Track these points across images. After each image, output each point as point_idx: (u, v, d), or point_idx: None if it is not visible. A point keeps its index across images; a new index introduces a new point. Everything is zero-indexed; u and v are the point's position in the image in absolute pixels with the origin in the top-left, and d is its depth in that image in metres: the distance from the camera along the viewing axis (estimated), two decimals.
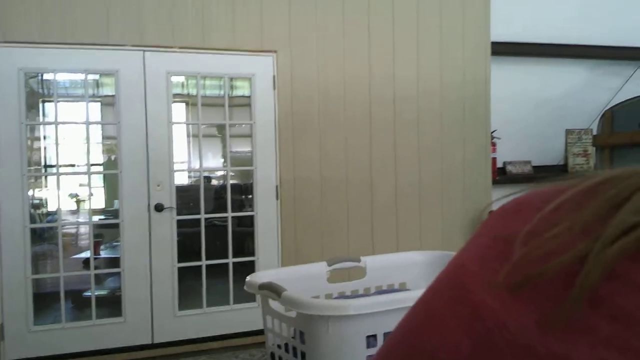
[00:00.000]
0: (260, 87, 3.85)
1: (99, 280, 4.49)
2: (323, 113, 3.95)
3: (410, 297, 1.54)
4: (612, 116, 4.59)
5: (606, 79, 5.18)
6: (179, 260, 3.71)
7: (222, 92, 3.94)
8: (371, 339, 1.54)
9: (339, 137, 3.98)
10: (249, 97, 3.93)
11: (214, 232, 4.10)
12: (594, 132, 4.94)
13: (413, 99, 4.15)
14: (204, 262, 3.74)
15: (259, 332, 3.51)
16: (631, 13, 5.15)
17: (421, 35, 4.16)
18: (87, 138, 3.63)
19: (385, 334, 1.53)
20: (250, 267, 3.75)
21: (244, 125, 4.23)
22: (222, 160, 6.67)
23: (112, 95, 3.68)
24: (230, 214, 3.82)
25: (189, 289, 3.92)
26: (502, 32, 4.52)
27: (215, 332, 3.77)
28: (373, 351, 1.51)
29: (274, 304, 1.71)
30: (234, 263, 3.82)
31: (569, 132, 5.04)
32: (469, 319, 0.34)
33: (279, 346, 1.75)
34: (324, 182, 3.95)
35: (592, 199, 0.35)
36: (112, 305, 3.78)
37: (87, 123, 3.65)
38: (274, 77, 3.85)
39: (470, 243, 0.41)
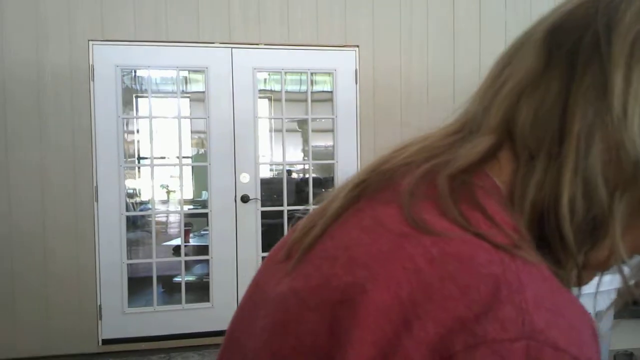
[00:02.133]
0: (342, 81, 3.89)
1: (188, 266, 4.71)
2: (405, 107, 3.94)
3: None
4: None
5: None
6: (262, 250, 3.83)
7: (302, 88, 4.01)
8: None
9: (420, 132, 3.94)
10: (328, 92, 3.99)
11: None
12: None
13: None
14: None
15: None
16: None
17: (508, 35, 4.05)
18: (179, 131, 3.80)
19: None
20: None
21: (324, 120, 4.28)
22: (302, 154, 6.77)
23: (201, 92, 3.84)
24: (312, 206, 3.87)
25: None
26: None
27: None
28: None
29: None
30: None
31: None
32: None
33: None
34: None
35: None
36: (200, 290, 3.95)
37: (179, 117, 3.83)
38: (356, 71, 3.88)
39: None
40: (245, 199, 3.76)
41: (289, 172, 6.44)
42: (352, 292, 0.38)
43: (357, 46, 3.87)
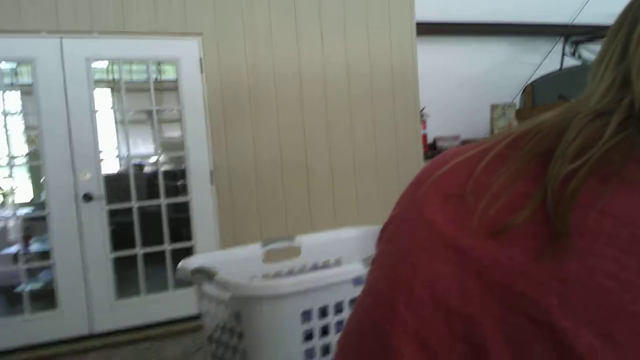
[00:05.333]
0: (187, 71, 3.78)
1: (32, 274, 4.34)
2: (254, 96, 3.94)
3: (343, 272, 1.59)
4: (533, 90, 4.81)
5: (526, 55, 5.40)
6: (115, 249, 3.64)
7: (148, 77, 3.84)
8: (306, 314, 1.59)
9: (271, 119, 3.98)
10: (174, 81, 3.86)
11: (150, 220, 4.03)
12: (517, 107, 5.16)
13: (343, 81, 4.20)
14: (139, 250, 3.69)
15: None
16: None
17: (348, 18, 4.20)
18: (6, 128, 3.47)
19: (320, 309, 1.58)
20: (189, 253, 3.72)
21: (175, 110, 4.16)
22: (153, 146, 6.53)
23: (31, 84, 3.52)
24: (163, 201, 3.77)
25: (126, 278, 3.86)
26: (422, 14, 4.62)
27: (156, 319, 3.74)
28: (309, 326, 1.55)
29: (208, 288, 1.72)
30: (172, 250, 3.78)
31: (493, 107, 5.24)
32: (463, 261, 0.41)
33: (215, 329, 1.77)
34: (259, 164, 3.95)
35: (515, 152, 0.44)
36: (46, 298, 3.67)
37: (4, 113, 3.49)
38: (200, 59, 3.80)
39: (413, 201, 0.49)
40: (88, 197, 3.53)
41: (140, 166, 6.19)
42: None
43: (201, 34, 3.79)
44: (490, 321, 0.39)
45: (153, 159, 5.88)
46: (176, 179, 5.33)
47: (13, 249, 4.60)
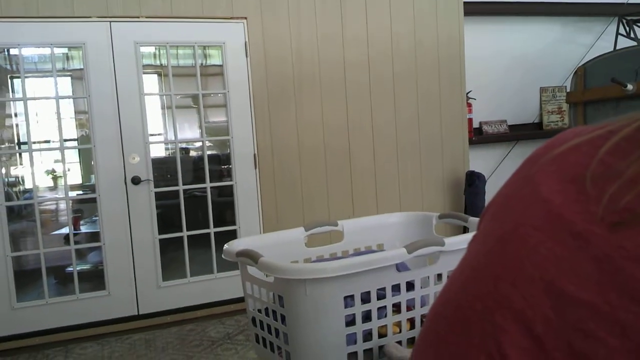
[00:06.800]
0: (232, 54, 3.80)
1: (81, 255, 4.49)
2: (298, 79, 3.93)
3: (386, 257, 1.57)
4: (585, 73, 4.63)
5: (578, 35, 5.20)
6: (160, 232, 3.71)
7: (195, 62, 3.88)
8: (349, 299, 1.58)
9: (315, 103, 3.97)
10: (220, 66, 3.89)
11: (195, 203, 4.10)
12: (568, 89, 4.99)
13: (387, 62, 4.14)
14: (185, 233, 3.76)
15: (243, 299, 3.56)
16: None
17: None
18: (58, 113, 3.57)
19: (363, 294, 1.56)
20: (232, 236, 3.77)
21: (220, 95, 4.19)
22: (199, 130, 6.62)
23: (82, 69, 3.61)
24: (208, 184, 3.82)
25: (172, 260, 3.94)
26: None
27: (200, 301, 3.81)
28: (351, 311, 1.54)
29: (253, 270, 1.73)
30: (216, 233, 3.83)
31: (543, 89, 5.08)
32: (583, 247, 0.39)
33: (259, 311, 1.78)
34: (302, 149, 3.95)
35: None
36: (95, 279, 3.79)
37: (57, 97, 3.59)
38: (245, 43, 3.81)
39: (527, 178, 0.47)
40: (136, 180, 3.61)
41: (186, 150, 6.28)
42: None
43: (245, 18, 3.79)
44: (607, 309, 0.37)
45: (198, 144, 5.96)
46: (221, 163, 5.39)
47: (64, 231, 4.77)
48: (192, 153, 6.32)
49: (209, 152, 4.41)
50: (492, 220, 0.48)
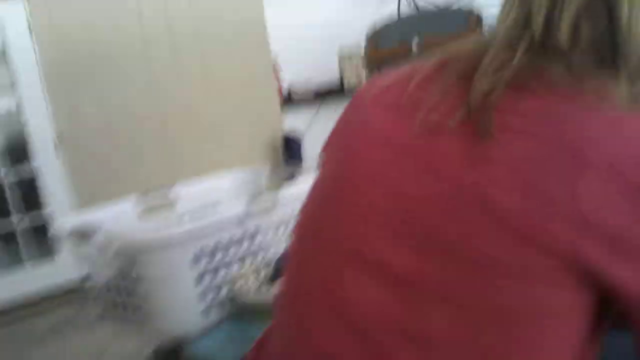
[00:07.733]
0: (13, 35, 3.50)
1: None
2: (94, 56, 3.69)
3: (227, 212, 1.61)
4: (376, 36, 5.04)
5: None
6: None
7: None
8: (195, 259, 1.59)
9: (119, 79, 3.78)
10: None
11: None
12: (363, 53, 5.36)
13: (189, 34, 4.08)
14: None
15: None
16: None
17: None
18: None
19: (204, 247, 1.56)
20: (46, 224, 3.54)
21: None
22: None
23: None
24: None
25: None
26: None
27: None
28: (199, 269, 1.55)
29: (88, 248, 1.65)
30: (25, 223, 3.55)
31: (340, 52, 5.39)
32: (404, 152, 0.57)
33: (100, 291, 1.71)
34: (110, 123, 3.76)
35: (440, 74, 0.59)
36: None
37: None
38: (28, 22, 3.49)
39: (355, 111, 0.68)
40: None
41: None
42: None
43: None
44: (421, 193, 0.56)
45: None
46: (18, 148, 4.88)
47: None
48: None
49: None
50: (331, 147, 0.67)
